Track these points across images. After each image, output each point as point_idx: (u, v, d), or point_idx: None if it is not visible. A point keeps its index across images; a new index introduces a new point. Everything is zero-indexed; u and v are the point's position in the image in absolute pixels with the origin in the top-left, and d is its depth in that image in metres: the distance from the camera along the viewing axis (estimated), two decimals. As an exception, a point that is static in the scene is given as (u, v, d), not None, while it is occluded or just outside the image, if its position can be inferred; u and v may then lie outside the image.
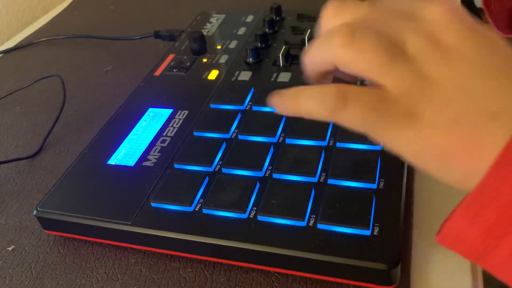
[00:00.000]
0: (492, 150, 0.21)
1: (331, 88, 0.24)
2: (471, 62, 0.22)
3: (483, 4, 0.50)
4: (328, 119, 0.25)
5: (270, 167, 0.37)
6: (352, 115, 0.24)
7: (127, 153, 0.42)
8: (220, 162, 0.39)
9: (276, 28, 0.56)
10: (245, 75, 0.49)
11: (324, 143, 0.38)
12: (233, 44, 0.55)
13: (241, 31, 0.58)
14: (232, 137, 0.41)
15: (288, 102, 0.27)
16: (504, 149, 0.20)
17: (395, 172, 0.35)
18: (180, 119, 0.45)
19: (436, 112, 0.22)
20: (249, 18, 0.60)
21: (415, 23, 0.24)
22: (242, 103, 0.44)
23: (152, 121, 0.45)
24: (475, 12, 0.53)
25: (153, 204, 0.36)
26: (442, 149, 0.22)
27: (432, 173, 0.24)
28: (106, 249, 0.37)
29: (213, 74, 0.50)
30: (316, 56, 0.27)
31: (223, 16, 0.62)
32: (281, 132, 0.40)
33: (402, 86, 0.23)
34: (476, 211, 0.21)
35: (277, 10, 0.58)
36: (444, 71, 0.22)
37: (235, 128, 0.42)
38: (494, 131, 0.21)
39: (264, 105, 0.43)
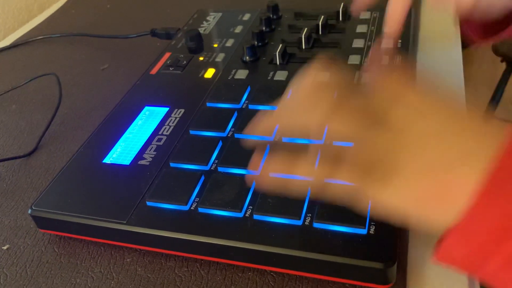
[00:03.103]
0: (466, 186, 0.23)
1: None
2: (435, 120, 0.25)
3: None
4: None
5: (266, 166, 0.37)
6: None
7: (123, 151, 0.41)
8: (216, 160, 0.38)
9: (273, 27, 0.56)
10: (241, 74, 0.49)
11: (321, 142, 0.38)
12: (229, 43, 0.55)
13: (238, 29, 0.58)
14: (228, 135, 0.41)
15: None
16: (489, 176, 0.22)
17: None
18: (176, 117, 0.44)
19: (412, 162, 0.24)
20: (246, 16, 0.60)
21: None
22: (238, 101, 0.44)
23: (148, 120, 0.45)
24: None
25: (148, 203, 0.36)
26: (422, 190, 0.24)
27: (415, 218, 0.25)
28: (102, 248, 0.37)
29: (209, 73, 0.50)
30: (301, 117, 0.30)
31: (220, 14, 0.62)
32: (277, 131, 0.40)
33: (381, 142, 0.26)
34: (467, 236, 0.23)
35: (274, 8, 0.58)
36: (418, 125, 0.25)
37: (232, 127, 0.42)
38: (465, 169, 0.23)
39: (261, 103, 0.43)
